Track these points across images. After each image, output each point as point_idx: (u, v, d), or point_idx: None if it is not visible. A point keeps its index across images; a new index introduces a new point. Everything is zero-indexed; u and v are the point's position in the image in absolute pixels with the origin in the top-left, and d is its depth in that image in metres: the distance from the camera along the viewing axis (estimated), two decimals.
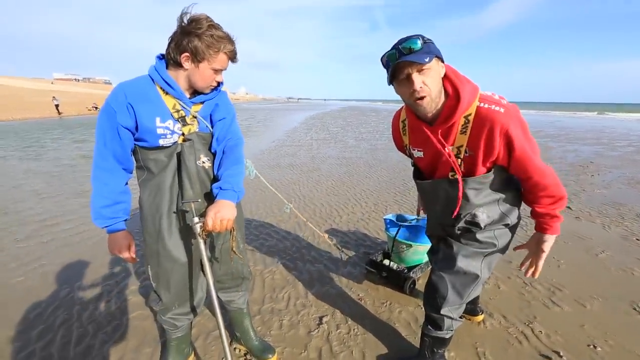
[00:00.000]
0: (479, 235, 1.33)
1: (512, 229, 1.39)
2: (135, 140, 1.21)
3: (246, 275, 1.62)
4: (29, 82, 73.06)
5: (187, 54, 1.12)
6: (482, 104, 1.13)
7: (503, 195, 1.30)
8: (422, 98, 1.11)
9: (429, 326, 1.56)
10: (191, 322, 1.60)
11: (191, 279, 1.43)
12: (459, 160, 1.21)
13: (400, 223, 2.45)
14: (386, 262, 2.47)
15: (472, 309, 2.02)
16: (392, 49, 1.10)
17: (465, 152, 1.19)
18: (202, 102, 1.27)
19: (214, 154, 1.34)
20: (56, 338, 1.88)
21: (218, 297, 1.64)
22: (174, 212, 1.29)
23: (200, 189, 1.31)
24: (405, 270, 2.36)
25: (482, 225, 1.31)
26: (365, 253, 2.91)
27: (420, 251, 2.36)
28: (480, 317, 2.04)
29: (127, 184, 1.28)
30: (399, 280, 2.34)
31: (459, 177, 1.24)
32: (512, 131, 1.10)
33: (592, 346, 1.82)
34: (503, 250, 1.41)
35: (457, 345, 1.81)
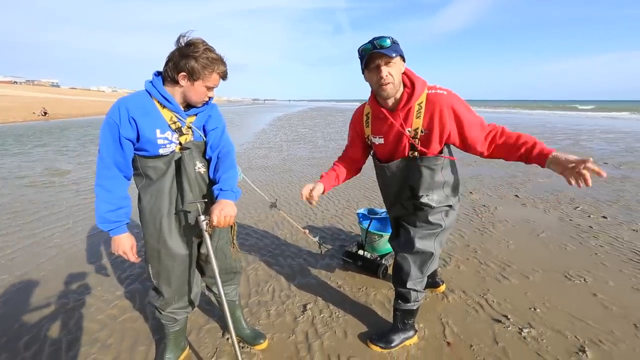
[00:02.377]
0: (430, 217, 1.63)
1: (454, 209, 1.69)
2: (136, 150, 1.34)
3: (238, 269, 1.78)
4: None
5: (184, 73, 1.27)
6: (430, 91, 1.46)
7: (447, 180, 1.61)
8: (387, 84, 1.40)
9: (399, 300, 1.82)
10: (187, 316, 1.73)
11: (189, 275, 1.56)
12: (417, 140, 1.50)
13: (371, 216, 2.71)
14: (360, 252, 2.72)
15: (432, 282, 2.34)
16: (367, 43, 1.38)
17: (422, 132, 1.48)
18: (195, 114, 1.42)
19: (209, 160, 1.50)
20: (44, 347, 1.90)
21: (212, 291, 1.79)
22: (174, 214, 1.43)
23: (198, 191, 1.47)
24: (378, 258, 2.62)
25: (433, 205, 1.60)
26: (341, 246, 3.14)
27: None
28: (442, 288, 2.37)
29: (127, 190, 1.41)
30: (373, 267, 2.59)
31: (418, 149, 1.50)
32: (456, 106, 1.43)
33: (533, 309, 2.18)
34: (449, 229, 1.71)
35: (424, 318, 2.09)
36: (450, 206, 1.65)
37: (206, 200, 1.47)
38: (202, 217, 1.39)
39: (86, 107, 33.50)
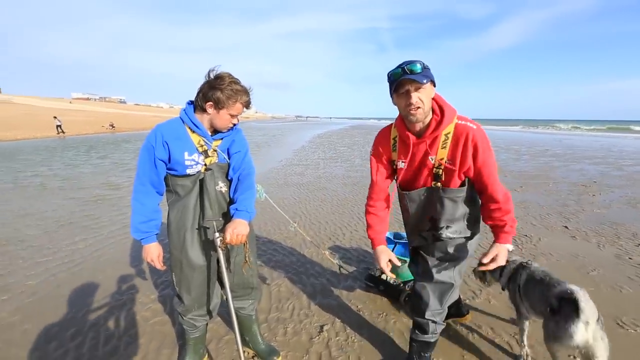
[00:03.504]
0: (449, 248, 1.58)
1: (474, 240, 1.64)
2: (167, 169, 1.52)
3: (255, 285, 1.85)
4: (49, 102, 76.37)
5: (211, 102, 1.43)
6: (459, 122, 1.42)
7: (468, 211, 1.56)
8: (417, 109, 1.36)
9: (416, 331, 1.76)
10: (207, 324, 1.84)
11: (208, 285, 1.68)
12: (440, 170, 1.46)
13: (396, 240, 2.67)
14: (384, 276, 2.67)
15: (457, 311, 2.22)
16: (397, 67, 1.36)
17: (446, 162, 1.44)
18: (221, 138, 1.57)
19: (230, 181, 1.63)
20: (86, 340, 2.12)
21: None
22: (196, 228, 1.58)
23: (218, 209, 1.60)
24: (401, 284, 2.55)
25: (452, 237, 1.55)
26: (365, 268, 3.11)
27: None
28: (468, 317, 2.24)
29: (158, 204, 1.59)
30: (395, 293, 2.53)
31: (442, 180, 1.47)
32: (479, 142, 1.40)
33: (572, 357, 1.97)
34: (469, 259, 1.66)
35: (444, 352, 1.99)
36: (469, 237, 1.60)
37: (221, 219, 1.58)
38: (217, 235, 1.51)
39: (147, 121, 37.23)
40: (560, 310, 1.47)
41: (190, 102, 1.52)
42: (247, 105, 1.49)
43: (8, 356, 1.97)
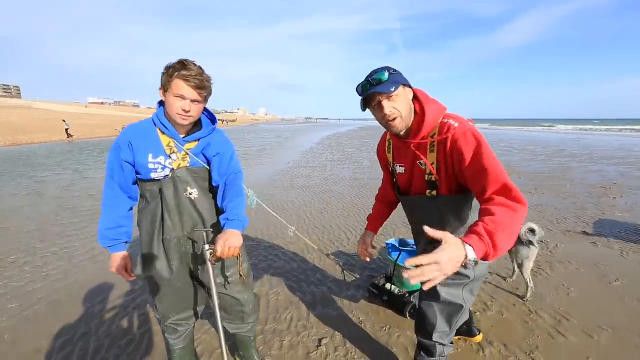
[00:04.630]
0: None
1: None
2: (136, 173, 1.40)
3: (250, 302, 1.68)
4: (66, 107, 78.62)
5: (160, 88, 1.30)
6: (444, 120, 1.26)
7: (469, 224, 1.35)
8: (393, 120, 1.26)
9: (421, 352, 1.61)
10: (192, 331, 1.72)
11: (184, 295, 1.56)
12: (432, 176, 1.31)
13: (402, 248, 2.51)
14: (388, 286, 2.52)
15: (468, 330, 2.04)
16: (364, 80, 1.26)
17: (437, 166, 1.29)
18: (197, 140, 1.41)
19: (217, 187, 1.49)
20: (75, 350, 2.04)
21: (223, 326, 1.75)
22: (162, 239, 1.43)
23: (181, 219, 1.42)
24: (407, 295, 2.40)
25: None
26: (369, 276, 2.96)
27: None
28: (478, 338, 2.05)
29: (131, 209, 1.46)
30: (399, 305, 2.37)
31: (437, 186, 1.31)
32: (460, 141, 1.19)
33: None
34: (479, 279, 1.46)
35: None
36: None
37: (212, 229, 1.45)
38: (207, 247, 1.35)
39: None
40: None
41: (161, 103, 1.39)
42: (188, 80, 1.23)
43: None
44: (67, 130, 21.20)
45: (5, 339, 2.13)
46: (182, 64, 1.25)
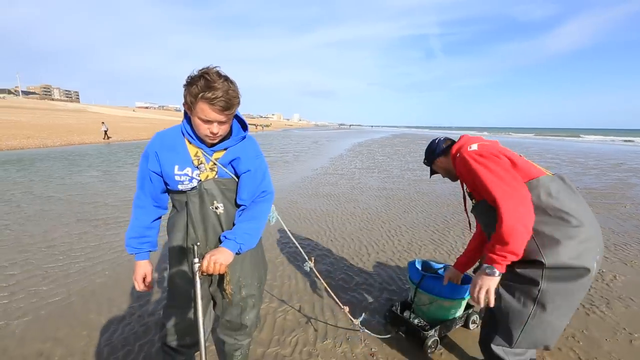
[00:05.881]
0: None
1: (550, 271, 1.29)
2: (164, 183, 1.33)
3: (247, 323, 1.53)
4: (117, 110, 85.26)
5: (185, 104, 1.18)
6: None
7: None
8: None
9: None
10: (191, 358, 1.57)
11: (196, 313, 1.42)
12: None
13: (424, 272, 2.21)
14: (407, 313, 2.23)
15: None
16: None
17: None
18: (225, 149, 1.31)
19: (239, 205, 1.38)
20: (76, 354, 1.98)
21: (220, 337, 1.61)
22: (184, 249, 1.38)
23: (205, 233, 1.35)
24: (427, 327, 2.09)
25: None
26: (387, 299, 2.68)
27: (444, 306, 2.09)
28: None
29: (158, 219, 1.41)
30: (418, 338, 2.08)
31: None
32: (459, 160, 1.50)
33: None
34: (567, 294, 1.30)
35: None
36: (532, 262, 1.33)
37: (198, 243, 1.32)
38: (196, 260, 1.25)
39: None
40: None
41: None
42: (220, 106, 1.11)
43: None
44: (105, 131, 22.42)
45: (16, 334, 2.14)
46: (206, 82, 1.09)
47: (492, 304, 1.33)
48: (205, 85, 1.09)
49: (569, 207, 1.29)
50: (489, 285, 1.29)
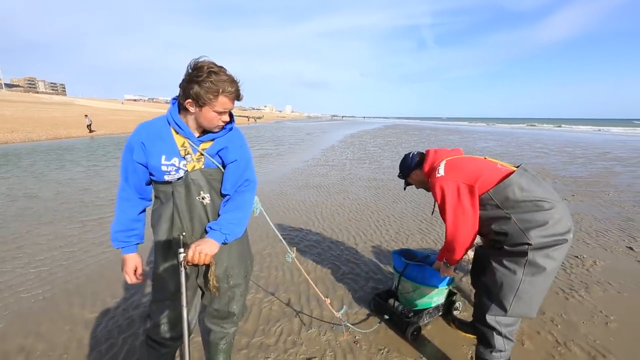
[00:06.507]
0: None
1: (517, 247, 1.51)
2: (149, 174, 1.32)
3: (234, 312, 1.54)
4: (104, 103, 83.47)
5: (190, 100, 1.19)
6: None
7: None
8: None
9: (480, 347, 1.67)
10: (175, 350, 1.57)
11: (181, 303, 1.42)
12: None
13: (407, 261, 2.23)
14: (391, 301, 2.26)
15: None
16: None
17: None
18: (212, 139, 1.33)
19: (224, 195, 1.39)
20: (57, 348, 1.97)
21: (207, 326, 1.62)
22: (170, 241, 1.37)
23: (191, 223, 1.36)
24: (411, 314, 2.13)
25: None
26: (373, 288, 2.71)
27: (427, 294, 2.12)
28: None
29: (143, 211, 1.41)
30: (401, 325, 2.11)
31: None
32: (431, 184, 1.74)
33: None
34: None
35: None
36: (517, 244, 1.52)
37: (184, 233, 1.34)
38: (181, 250, 1.26)
39: None
40: None
41: (175, 99, 1.30)
42: (235, 97, 1.23)
43: None
44: (89, 125, 21.78)
45: None
46: (228, 81, 1.19)
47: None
48: (226, 82, 1.17)
49: (539, 194, 1.50)
50: (446, 271, 1.87)
